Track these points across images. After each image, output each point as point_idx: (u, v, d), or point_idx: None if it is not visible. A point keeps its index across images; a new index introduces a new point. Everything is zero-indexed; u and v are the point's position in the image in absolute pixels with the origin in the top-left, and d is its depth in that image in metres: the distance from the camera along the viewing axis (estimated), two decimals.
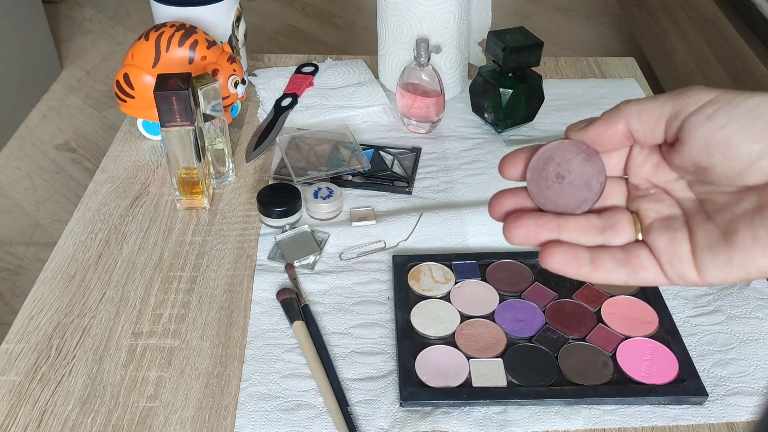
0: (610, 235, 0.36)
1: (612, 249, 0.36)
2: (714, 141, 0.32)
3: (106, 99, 2.28)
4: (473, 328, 0.71)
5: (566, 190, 0.36)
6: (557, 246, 0.36)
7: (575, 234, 0.36)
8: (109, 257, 0.80)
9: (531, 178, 0.37)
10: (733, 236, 0.32)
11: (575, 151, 0.36)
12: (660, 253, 0.35)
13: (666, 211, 0.36)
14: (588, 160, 0.36)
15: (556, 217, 0.36)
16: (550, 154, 0.37)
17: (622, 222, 0.36)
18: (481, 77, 0.96)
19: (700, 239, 0.34)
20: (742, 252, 0.32)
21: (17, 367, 0.68)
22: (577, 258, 0.35)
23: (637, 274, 0.35)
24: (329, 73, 1.09)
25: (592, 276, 0.35)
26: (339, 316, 0.73)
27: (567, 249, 0.35)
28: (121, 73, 0.91)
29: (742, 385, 0.66)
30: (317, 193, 0.84)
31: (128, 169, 0.93)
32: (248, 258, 0.80)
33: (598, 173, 0.36)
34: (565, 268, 0.35)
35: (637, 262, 0.35)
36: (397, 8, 0.97)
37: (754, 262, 0.32)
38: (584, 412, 0.64)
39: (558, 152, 0.37)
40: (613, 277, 0.35)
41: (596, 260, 0.35)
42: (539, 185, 0.37)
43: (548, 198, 0.37)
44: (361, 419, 0.64)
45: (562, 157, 0.36)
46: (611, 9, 2.75)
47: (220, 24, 1.00)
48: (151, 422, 0.64)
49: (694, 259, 0.34)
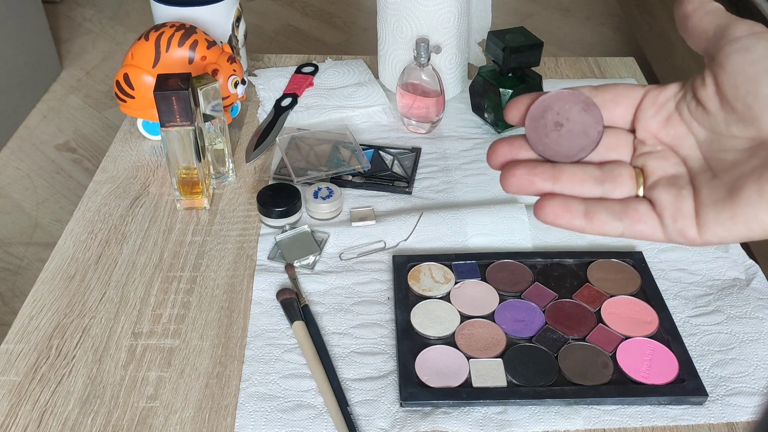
0: (610, 188, 0.36)
1: (609, 201, 0.35)
2: (743, 73, 0.32)
3: (106, 99, 2.28)
4: (473, 328, 0.71)
5: (564, 137, 0.37)
6: (549, 198, 0.35)
7: (571, 184, 0.36)
8: (109, 257, 0.80)
9: (529, 125, 0.37)
10: (739, 192, 0.32)
11: (574, 101, 0.37)
12: (663, 207, 0.34)
13: (672, 169, 0.35)
14: (586, 109, 0.37)
15: (552, 167, 0.36)
16: (549, 103, 0.37)
17: (623, 176, 0.36)
18: (481, 77, 0.96)
19: (704, 196, 0.33)
20: (747, 208, 0.31)
21: (17, 367, 0.68)
22: (569, 210, 0.35)
23: (633, 227, 0.34)
24: (329, 73, 1.09)
25: (587, 228, 0.35)
26: (339, 316, 0.73)
27: (559, 201, 0.35)
28: (121, 73, 0.91)
29: (742, 385, 0.66)
30: (317, 193, 0.84)
31: (128, 169, 0.93)
32: (248, 258, 0.80)
33: (596, 122, 0.37)
34: (556, 220, 0.35)
35: (636, 215, 0.34)
36: (397, 8, 0.97)
37: (758, 218, 0.31)
38: (584, 412, 0.64)
39: (556, 101, 0.37)
40: (608, 229, 0.35)
41: (591, 212, 0.35)
42: (537, 132, 0.37)
43: (546, 145, 0.37)
44: (361, 419, 0.64)
45: (560, 106, 0.37)
46: (611, 9, 2.75)
47: (220, 24, 1.00)
48: (151, 422, 0.64)
49: (697, 216, 0.33)
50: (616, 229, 0.35)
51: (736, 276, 0.77)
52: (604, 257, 0.77)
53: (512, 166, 0.36)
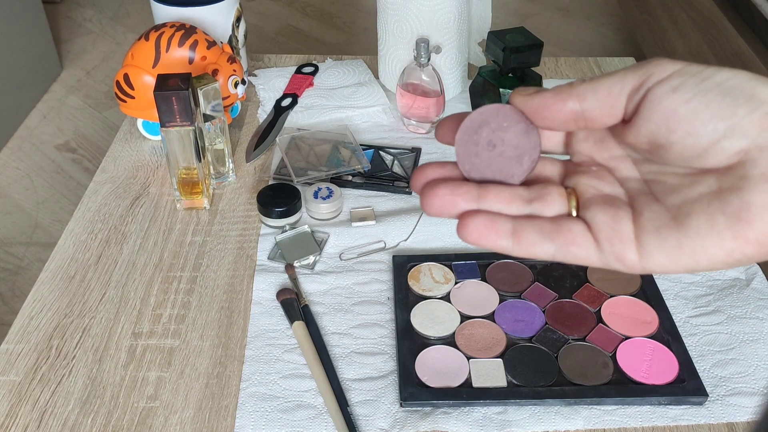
0: (539, 206, 0.32)
1: (540, 220, 0.32)
2: (677, 115, 0.29)
3: (106, 99, 2.28)
4: (473, 328, 0.71)
5: (495, 160, 0.34)
6: (473, 215, 0.32)
7: (498, 204, 0.33)
8: (109, 257, 0.80)
9: (460, 139, 0.34)
10: (686, 220, 0.29)
11: (514, 120, 0.33)
12: (599, 230, 0.31)
13: (607, 189, 0.33)
14: (526, 132, 0.33)
15: (477, 187, 0.33)
16: (487, 118, 0.34)
17: (553, 194, 0.33)
18: (481, 77, 0.96)
19: (646, 220, 0.31)
20: (695, 238, 0.29)
21: (17, 368, 0.68)
22: (495, 228, 0.32)
23: (567, 250, 0.31)
24: (329, 73, 1.09)
25: (515, 249, 0.32)
26: (339, 317, 0.73)
27: (483, 218, 0.32)
28: (121, 73, 0.91)
29: (742, 385, 0.66)
30: (317, 194, 0.84)
31: (128, 169, 0.93)
32: (248, 258, 0.80)
33: (532, 149, 0.33)
34: (480, 240, 0.32)
35: (569, 236, 0.31)
36: (397, 8, 0.97)
37: (707, 250, 0.29)
38: (584, 412, 0.64)
39: (495, 117, 0.34)
40: (538, 251, 0.31)
41: (519, 231, 0.32)
42: (467, 149, 0.34)
43: (474, 165, 0.34)
44: (361, 419, 0.64)
45: (498, 123, 0.33)
46: (611, 9, 2.75)
47: (220, 24, 1.00)
48: (151, 422, 0.64)
49: (637, 241, 0.30)
50: (547, 251, 0.31)
51: (736, 276, 0.77)
52: None
53: (433, 186, 0.33)
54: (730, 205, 0.29)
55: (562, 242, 0.31)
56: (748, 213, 0.28)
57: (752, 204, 0.28)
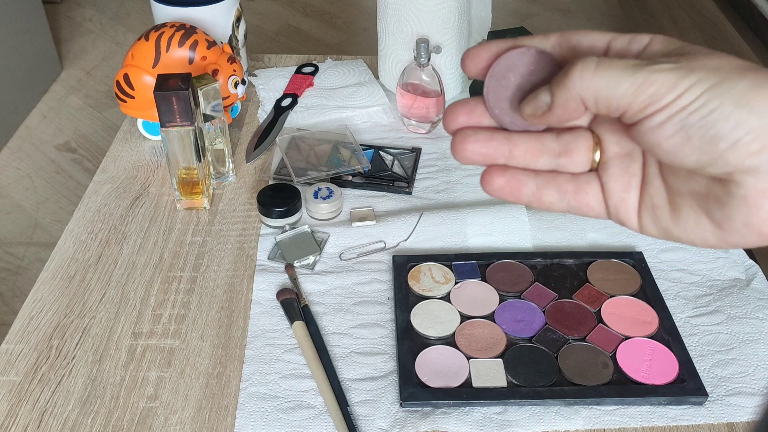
0: (565, 162, 0.35)
1: (561, 179, 0.35)
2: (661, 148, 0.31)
3: (106, 99, 2.28)
4: (473, 328, 0.71)
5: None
6: (500, 172, 0.35)
7: (525, 159, 0.35)
8: (109, 257, 0.80)
9: (489, 84, 0.34)
10: (678, 211, 0.33)
11: (541, 63, 0.34)
12: (610, 195, 0.34)
13: (628, 145, 0.34)
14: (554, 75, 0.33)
15: (507, 140, 0.34)
16: (515, 62, 0.34)
17: (580, 148, 0.35)
18: None
19: (647, 195, 0.34)
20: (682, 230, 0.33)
21: (17, 367, 0.68)
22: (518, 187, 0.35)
23: (580, 209, 0.35)
24: (329, 73, 1.09)
25: (533, 204, 0.35)
26: (339, 317, 0.73)
27: (509, 177, 0.35)
28: (121, 73, 0.91)
29: (742, 385, 0.66)
30: (317, 194, 0.84)
31: (128, 169, 0.93)
32: (248, 258, 0.80)
33: None
34: (503, 196, 0.35)
35: (584, 198, 0.35)
36: (397, 8, 0.97)
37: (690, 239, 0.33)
38: (584, 412, 0.64)
39: (522, 61, 0.34)
40: (555, 208, 0.35)
41: (541, 190, 0.35)
42: (497, 95, 0.34)
43: (503, 110, 0.34)
44: (361, 419, 0.64)
45: (527, 68, 0.34)
46: (611, 9, 2.75)
47: (220, 24, 1.00)
48: (151, 422, 0.64)
49: (638, 214, 0.34)
50: (562, 208, 0.35)
51: (736, 276, 0.77)
52: (604, 257, 0.77)
53: (465, 136, 0.34)
54: (713, 215, 0.31)
55: (578, 203, 0.35)
56: (729, 226, 0.31)
57: (733, 220, 0.30)
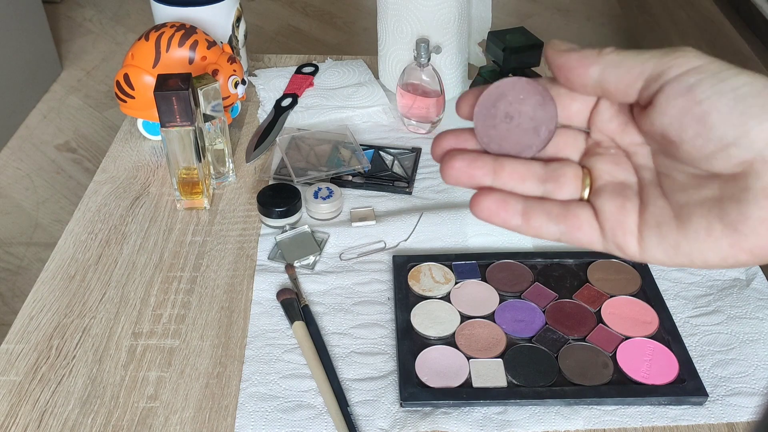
0: (552, 188, 0.34)
1: (549, 203, 0.34)
2: (690, 114, 0.29)
3: (106, 99, 2.28)
4: (473, 328, 0.71)
5: (512, 131, 0.34)
6: (487, 194, 0.34)
7: (512, 181, 0.34)
8: (109, 257, 0.80)
9: (478, 113, 0.34)
10: (687, 223, 0.30)
11: (531, 92, 0.34)
12: (605, 218, 0.33)
13: (621, 176, 0.33)
14: (542, 104, 0.34)
15: (493, 161, 0.34)
16: (504, 90, 0.34)
17: (568, 176, 0.34)
18: (481, 77, 0.96)
19: (650, 215, 0.32)
20: (693, 242, 0.30)
21: (17, 367, 0.68)
22: (506, 208, 0.33)
23: (572, 234, 0.33)
24: (329, 73, 1.09)
25: (522, 229, 0.34)
26: (339, 317, 0.73)
27: (496, 197, 0.33)
28: (121, 73, 0.91)
29: (742, 385, 0.66)
30: (317, 194, 0.84)
31: (128, 169, 0.93)
32: (248, 258, 0.80)
33: (549, 120, 0.34)
34: (491, 217, 0.33)
35: (576, 222, 0.33)
36: (397, 8, 0.97)
37: (702, 254, 0.30)
38: (584, 412, 0.64)
39: (512, 89, 0.34)
40: (545, 232, 0.33)
41: (529, 212, 0.33)
42: (485, 122, 0.34)
43: (491, 137, 0.34)
44: (361, 419, 0.64)
45: (515, 96, 0.34)
46: (611, 9, 2.75)
47: (220, 24, 1.00)
48: (151, 422, 0.64)
49: (639, 234, 0.32)
50: (553, 234, 0.33)
51: (736, 276, 0.77)
52: (605, 257, 0.77)
53: (452, 157, 0.34)
54: (728, 215, 0.29)
55: (569, 227, 0.33)
56: (744, 225, 0.29)
57: (750, 217, 0.29)
